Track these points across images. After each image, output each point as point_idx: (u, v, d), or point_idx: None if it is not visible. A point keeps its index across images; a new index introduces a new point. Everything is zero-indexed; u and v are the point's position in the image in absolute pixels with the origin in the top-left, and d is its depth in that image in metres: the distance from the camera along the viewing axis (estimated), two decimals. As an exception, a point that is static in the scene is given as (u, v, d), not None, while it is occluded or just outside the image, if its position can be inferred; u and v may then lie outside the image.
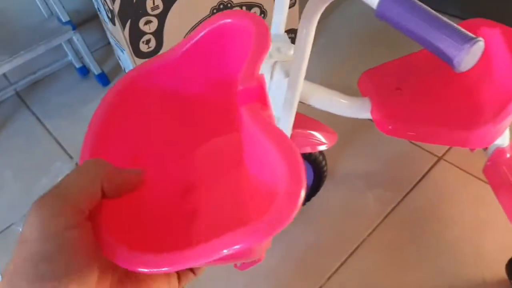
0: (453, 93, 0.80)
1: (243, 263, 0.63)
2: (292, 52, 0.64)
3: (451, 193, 1.07)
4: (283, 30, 0.67)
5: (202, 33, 0.32)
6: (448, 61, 0.38)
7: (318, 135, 0.84)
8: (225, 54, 0.33)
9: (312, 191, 1.03)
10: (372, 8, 0.42)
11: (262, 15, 1.29)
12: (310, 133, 0.83)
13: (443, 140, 0.80)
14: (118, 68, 1.53)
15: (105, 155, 0.28)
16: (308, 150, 0.84)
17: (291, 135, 0.80)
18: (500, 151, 0.86)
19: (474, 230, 0.99)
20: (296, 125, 0.75)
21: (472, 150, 0.96)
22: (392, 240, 1.01)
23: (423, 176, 1.11)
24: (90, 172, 0.25)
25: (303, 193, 0.22)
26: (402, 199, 1.08)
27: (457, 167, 1.11)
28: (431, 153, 1.16)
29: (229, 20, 0.31)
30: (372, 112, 0.76)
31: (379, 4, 0.40)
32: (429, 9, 0.39)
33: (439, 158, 1.14)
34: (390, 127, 0.72)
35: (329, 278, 0.97)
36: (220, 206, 0.31)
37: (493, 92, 0.78)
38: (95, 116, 0.30)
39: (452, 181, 1.10)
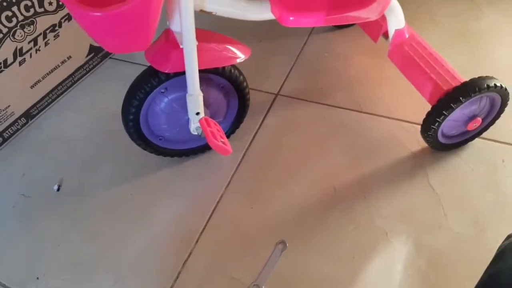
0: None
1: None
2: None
3: (293, 120, 1.05)
4: None
5: None
6: None
7: (230, 47, 0.71)
8: None
9: (238, 118, 0.98)
10: None
11: None
12: (220, 46, 0.69)
13: (341, 20, 0.79)
14: None
15: None
16: (223, 63, 0.74)
17: (198, 48, 0.64)
18: (399, 32, 0.89)
19: (318, 147, 0.97)
20: (204, 40, 0.68)
21: (375, 41, 0.98)
22: (251, 181, 0.93)
23: (265, 115, 1.06)
24: None
25: None
26: (251, 142, 1.00)
27: (293, 97, 1.10)
28: (268, 92, 1.12)
29: None
30: (272, 11, 0.75)
31: None
32: None
33: (276, 95, 1.11)
34: (291, 18, 0.73)
35: (197, 241, 0.81)
36: None
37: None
38: None
39: (292, 110, 1.07)
